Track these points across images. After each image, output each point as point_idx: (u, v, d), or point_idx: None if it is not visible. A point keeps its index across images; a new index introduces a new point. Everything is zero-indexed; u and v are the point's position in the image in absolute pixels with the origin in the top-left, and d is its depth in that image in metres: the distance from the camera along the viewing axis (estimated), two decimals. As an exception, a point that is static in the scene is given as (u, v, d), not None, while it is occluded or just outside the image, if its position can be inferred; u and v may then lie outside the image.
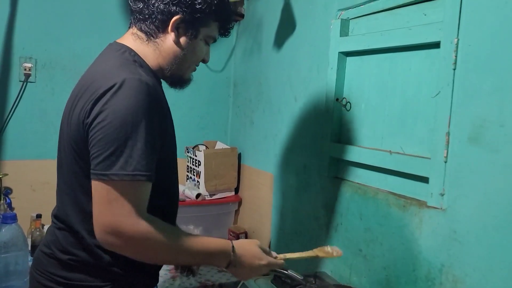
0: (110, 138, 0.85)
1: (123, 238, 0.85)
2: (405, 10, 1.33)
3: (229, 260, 0.99)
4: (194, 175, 2.42)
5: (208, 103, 2.66)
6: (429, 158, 1.18)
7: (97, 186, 0.86)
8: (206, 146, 2.51)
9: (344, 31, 1.56)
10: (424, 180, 1.21)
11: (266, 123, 2.18)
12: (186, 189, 2.38)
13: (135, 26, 1.02)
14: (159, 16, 0.98)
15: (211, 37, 1.07)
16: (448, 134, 1.13)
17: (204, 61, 1.11)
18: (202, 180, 2.33)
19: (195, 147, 2.49)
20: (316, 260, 1.66)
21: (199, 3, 0.98)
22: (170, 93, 1.92)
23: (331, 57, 1.59)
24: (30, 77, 2.20)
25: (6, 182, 2.13)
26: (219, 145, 2.55)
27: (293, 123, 1.90)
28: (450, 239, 1.11)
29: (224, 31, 1.10)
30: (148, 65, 1.01)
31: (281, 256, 1.11)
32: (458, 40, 1.11)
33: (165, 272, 1.86)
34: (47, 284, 0.99)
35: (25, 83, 2.20)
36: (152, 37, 1.00)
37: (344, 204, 1.52)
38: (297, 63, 1.89)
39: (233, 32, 2.65)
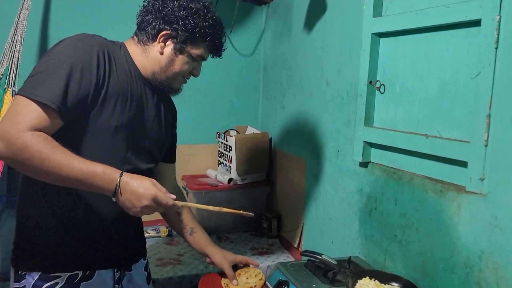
0: (37, 66, 1.02)
1: (5, 143, 0.92)
2: (442, -13, 1.27)
3: (115, 184, 0.98)
4: (225, 160, 2.44)
5: (238, 88, 2.66)
6: (468, 142, 1.14)
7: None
8: (237, 131, 2.52)
9: (377, 11, 1.51)
10: (463, 164, 1.17)
11: (298, 107, 2.16)
12: (218, 174, 2.40)
13: (134, 34, 1.22)
14: (150, 30, 1.16)
15: (199, 55, 1.20)
16: (489, 116, 1.08)
17: (194, 75, 1.25)
18: (233, 165, 2.35)
19: (226, 132, 2.51)
20: (350, 245, 1.65)
21: (186, 25, 1.13)
22: (200, 80, 1.93)
23: (363, 38, 1.54)
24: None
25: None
26: (250, 130, 2.55)
27: (325, 108, 1.87)
28: (491, 226, 1.07)
29: (214, 53, 1.23)
30: (130, 55, 1.18)
31: (182, 203, 1.09)
32: (500, 17, 1.05)
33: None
34: None
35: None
36: (141, 43, 1.19)
37: (378, 189, 1.50)
38: (328, 46, 1.86)
39: (262, 16, 2.62)
